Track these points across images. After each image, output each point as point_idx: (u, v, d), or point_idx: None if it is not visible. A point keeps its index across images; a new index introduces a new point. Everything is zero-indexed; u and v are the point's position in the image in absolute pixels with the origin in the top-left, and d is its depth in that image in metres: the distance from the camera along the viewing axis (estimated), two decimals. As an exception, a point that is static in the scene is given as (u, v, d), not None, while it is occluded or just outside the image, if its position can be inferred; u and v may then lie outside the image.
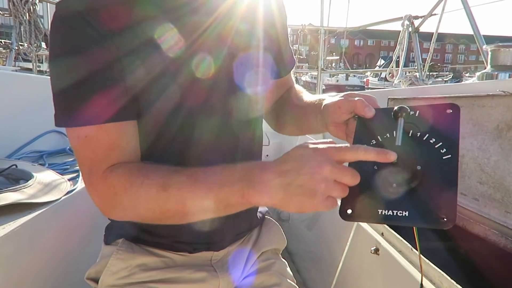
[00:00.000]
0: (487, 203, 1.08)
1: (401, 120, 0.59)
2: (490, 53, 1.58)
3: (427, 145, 0.57)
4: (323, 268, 1.57)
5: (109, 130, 0.65)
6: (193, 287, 0.81)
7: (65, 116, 0.65)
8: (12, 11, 2.98)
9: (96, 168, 0.65)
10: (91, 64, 0.63)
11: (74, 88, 0.63)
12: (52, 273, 1.13)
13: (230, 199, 0.57)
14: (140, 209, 0.64)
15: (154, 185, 0.61)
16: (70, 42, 0.63)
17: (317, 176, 0.51)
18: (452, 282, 0.79)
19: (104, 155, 0.65)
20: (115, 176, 0.64)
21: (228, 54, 0.75)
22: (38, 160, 1.62)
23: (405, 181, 0.54)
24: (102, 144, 0.65)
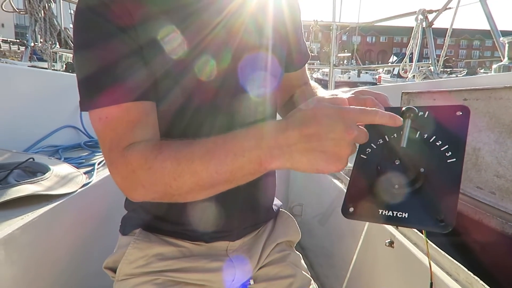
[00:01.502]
0: (504, 197, 1.06)
1: (408, 121, 0.58)
2: (507, 45, 1.55)
3: (433, 148, 0.56)
4: (336, 263, 1.57)
5: (129, 109, 0.66)
6: (209, 276, 0.82)
7: (87, 100, 0.67)
8: (27, 9, 3.03)
9: (115, 146, 0.66)
10: (113, 50, 0.65)
11: (94, 75, 0.66)
12: (69, 262, 1.15)
13: (247, 168, 0.55)
14: (157, 185, 0.63)
15: (167, 159, 0.61)
16: (88, 34, 0.66)
17: (343, 142, 0.50)
18: (469, 273, 0.78)
19: (123, 133, 0.66)
20: (132, 153, 0.64)
21: (237, 53, 0.75)
22: (54, 154, 1.65)
23: (407, 183, 0.53)
24: (121, 122, 0.66)
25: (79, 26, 0.67)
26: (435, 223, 0.49)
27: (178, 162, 0.60)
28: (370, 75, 28.86)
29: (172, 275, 0.80)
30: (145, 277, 0.80)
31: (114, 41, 0.65)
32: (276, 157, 0.53)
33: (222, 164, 0.56)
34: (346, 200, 0.57)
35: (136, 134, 0.67)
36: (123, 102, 0.66)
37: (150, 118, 0.70)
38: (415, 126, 0.59)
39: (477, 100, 1.19)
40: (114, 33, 0.65)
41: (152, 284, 0.79)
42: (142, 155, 0.63)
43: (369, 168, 0.58)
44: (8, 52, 8.02)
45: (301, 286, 0.91)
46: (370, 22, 4.94)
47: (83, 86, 0.68)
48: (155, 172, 0.62)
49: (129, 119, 0.67)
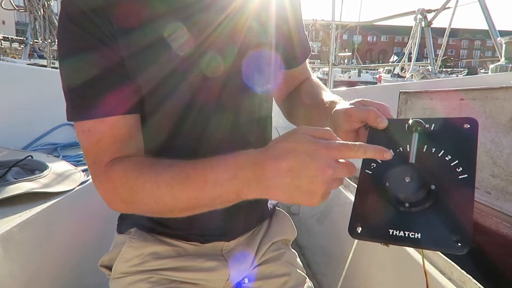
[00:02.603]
0: (500, 196, 1.07)
1: (416, 135, 0.56)
2: (504, 45, 1.55)
3: (442, 163, 0.53)
4: (332, 261, 1.57)
5: (111, 123, 0.66)
6: (203, 275, 0.82)
7: (72, 111, 0.67)
8: (27, 7, 3.04)
9: (98, 161, 0.67)
10: (94, 62, 0.65)
11: (77, 86, 0.66)
12: (67, 260, 1.16)
13: (225, 197, 0.57)
14: (138, 204, 0.65)
15: (148, 181, 0.61)
16: (74, 41, 0.65)
17: (318, 180, 0.50)
18: (462, 272, 0.79)
19: (106, 148, 0.67)
20: (114, 170, 0.65)
21: (239, 51, 0.74)
22: (52, 152, 1.66)
23: (418, 201, 0.51)
24: (104, 137, 0.67)
25: (61, 34, 0.67)
26: (451, 244, 0.46)
27: (158, 186, 0.61)
28: (370, 74, 28.81)
29: (167, 274, 0.81)
30: (140, 275, 0.80)
31: (95, 53, 0.65)
32: (253, 189, 0.53)
33: (201, 191, 0.58)
34: (352, 219, 0.54)
35: (119, 149, 0.67)
36: (106, 116, 0.66)
37: (134, 132, 0.70)
38: (422, 139, 0.57)
39: (474, 100, 1.19)
40: (95, 44, 0.64)
41: (147, 282, 0.79)
42: (123, 173, 0.64)
43: (376, 184, 0.55)
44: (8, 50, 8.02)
45: (295, 284, 0.91)
46: (369, 22, 4.93)
47: (67, 96, 0.68)
48: (136, 192, 0.63)
49: (112, 133, 0.67)
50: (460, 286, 0.79)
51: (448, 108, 1.29)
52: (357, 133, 0.68)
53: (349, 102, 0.70)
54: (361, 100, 0.68)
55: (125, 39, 0.66)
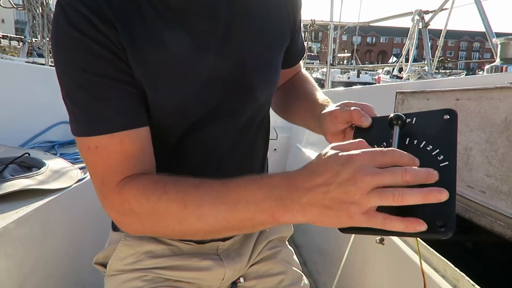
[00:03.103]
0: (494, 196, 1.07)
1: (396, 128, 0.58)
2: (500, 46, 1.56)
3: (424, 153, 0.55)
4: (328, 260, 1.58)
5: (122, 139, 0.61)
6: (199, 275, 0.82)
7: (76, 125, 0.62)
8: (25, 5, 3.04)
9: (109, 180, 0.62)
10: (99, 73, 0.60)
11: (83, 97, 0.60)
12: (63, 256, 1.16)
13: (258, 218, 0.52)
14: (158, 226, 0.60)
15: (173, 201, 0.57)
16: (77, 49, 0.59)
17: (351, 186, 0.46)
18: (455, 270, 0.80)
19: (117, 166, 0.61)
20: (129, 190, 0.60)
21: (238, 54, 0.73)
22: (50, 149, 1.66)
23: None
24: (114, 154, 0.61)
25: (62, 43, 0.60)
26: (436, 229, 0.47)
27: (184, 205, 0.56)
28: (369, 75, 28.85)
29: (162, 273, 0.81)
30: (135, 273, 0.80)
31: (101, 62, 0.60)
32: (289, 208, 0.50)
33: (233, 211, 0.54)
34: None
35: (131, 166, 0.62)
36: (115, 132, 0.60)
37: (146, 146, 0.65)
38: (404, 133, 0.58)
39: (469, 100, 1.20)
40: (103, 54, 0.59)
41: (142, 281, 0.79)
42: (143, 193, 0.59)
43: None
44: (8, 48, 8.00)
45: (291, 282, 0.90)
46: (367, 22, 4.95)
47: (71, 109, 0.62)
48: (157, 213, 0.58)
49: (123, 149, 0.61)
50: (454, 283, 0.80)
51: (443, 108, 1.30)
52: (345, 134, 0.69)
53: (335, 104, 0.71)
54: (345, 102, 0.69)
55: (133, 46, 0.62)
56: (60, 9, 0.59)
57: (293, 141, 2.56)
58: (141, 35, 0.63)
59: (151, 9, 0.64)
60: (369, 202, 0.46)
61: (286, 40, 0.85)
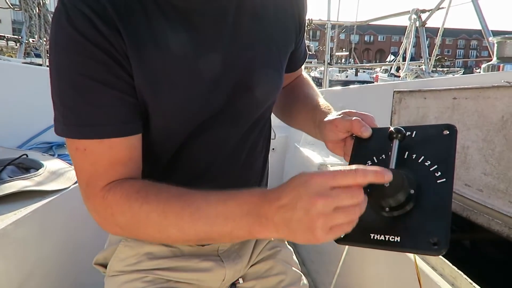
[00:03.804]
0: (491, 194, 1.08)
1: (396, 142, 0.58)
2: (496, 45, 1.57)
3: (422, 168, 0.55)
4: (327, 260, 1.58)
5: (112, 145, 0.61)
6: (199, 276, 0.82)
7: (64, 127, 0.61)
8: (22, 5, 3.03)
9: (93, 184, 0.62)
10: (98, 71, 0.59)
11: (75, 101, 0.60)
12: (62, 257, 1.16)
13: (236, 233, 0.55)
14: (138, 232, 0.62)
15: (153, 211, 0.58)
16: (74, 46, 0.58)
17: (311, 211, 0.47)
18: (453, 268, 0.80)
19: (103, 171, 0.62)
20: (113, 196, 0.60)
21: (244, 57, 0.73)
22: (47, 150, 1.66)
23: (398, 205, 0.52)
24: (102, 159, 0.61)
25: (61, 43, 0.59)
26: (429, 246, 0.48)
27: (165, 216, 0.58)
28: (367, 74, 28.88)
29: (162, 274, 0.81)
30: (135, 274, 0.80)
31: (101, 68, 0.59)
32: (264, 225, 0.52)
33: (212, 225, 0.56)
34: None
35: (118, 172, 0.62)
36: (106, 138, 0.60)
37: (135, 153, 0.65)
38: (404, 146, 0.58)
39: (466, 99, 1.20)
40: (102, 59, 0.58)
41: (142, 282, 0.79)
42: (125, 201, 0.60)
43: None
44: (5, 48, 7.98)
45: (291, 282, 0.90)
46: (364, 21, 4.96)
47: (60, 110, 0.61)
48: (138, 222, 0.60)
49: (111, 155, 0.62)
50: (451, 282, 0.80)
51: (441, 107, 1.30)
52: (345, 143, 0.69)
53: (336, 112, 0.71)
54: (346, 111, 0.69)
55: (137, 52, 0.61)
56: (63, 7, 0.58)
57: (291, 140, 2.56)
58: (145, 37, 0.62)
59: (156, 10, 0.64)
60: (331, 221, 0.48)
61: (292, 44, 0.84)
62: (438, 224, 0.49)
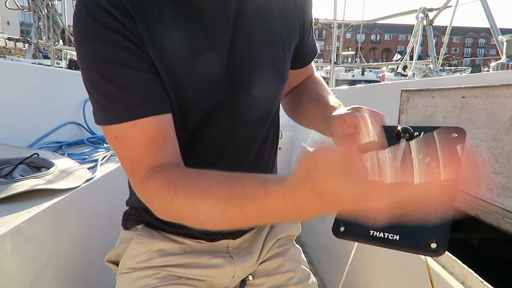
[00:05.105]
0: (501, 193, 1.07)
1: (403, 141, 0.58)
2: (506, 43, 1.56)
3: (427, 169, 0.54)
4: (334, 259, 1.58)
5: (145, 126, 0.63)
6: (209, 272, 0.83)
7: (101, 115, 0.65)
8: (31, 6, 3.06)
9: (135, 171, 0.64)
10: (119, 59, 0.62)
11: (106, 87, 0.63)
12: (73, 254, 1.18)
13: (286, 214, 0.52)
14: (176, 220, 0.62)
15: (185, 207, 0.58)
16: (98, 37, 0.62)
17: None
18: (464, 266, 0.80)
19: (141, 156, 0.64)
20: (149, 187, 0.62)
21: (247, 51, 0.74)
22: (57, 150, 1.68)
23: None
24: (139, 142, 0.64)
25: (84, 36, 0.63)
26: (427, 247, 0.48)
27: (197, 213, 0.57)
28: (374, 73, 28.72)
29: (173, 270, 0.82)
30: (147, 271, 0.81)
31: (124, 53, 0.62)
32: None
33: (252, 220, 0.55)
34: (336, 218, 0.56)
35: (155, 157, 0.64)
36: (138, 118, 0.63)
37: (169, 134, 0.67)
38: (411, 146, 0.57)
39: (475, 98, 1.20)
40: (122, 42, 0.62)
41: (154, 278, 0.80)
42: (158, 194, 0.61)
43: None
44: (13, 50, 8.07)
45: (300, 280, 0.91)
46: (370, 20, 4.93)
47: (94, 99, 0.65)
48: (172, 215, 0.62)
49: (146, 137, 0.64)
50: (462, 280, 0.80)
51: (449, 106, 1.30)
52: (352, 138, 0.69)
53: (346, 108, 0.72)
54: (356, 107, 0.69)
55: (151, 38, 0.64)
56: (82, 4, 0.62)
57: (298, 139, 2.56)
58: (157, 25, 0.65)
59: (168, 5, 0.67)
60: None
61: (295, 40, 0.85)
62: (439, 226, 0.49)
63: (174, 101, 0.69)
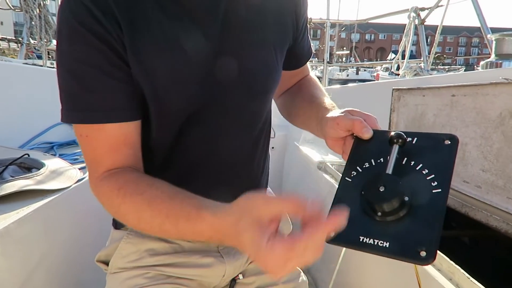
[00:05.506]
0: (490, 190, 1.08)
1: (395, 147, 0.58)
2: (495, 42, 1.57)
3: (419, 176, 0.55)
4: (326, 257, 1.58)
5: (109, 131, 0.65)
6: (200, 271, 0.83)
7: (66, 112, 0.66)
8: (23, 6, 3.05)
9: (93, 169, 0.68)
10: (96, 59, 0.63)
11: (76, 87, 0.64)
12: (64, 255, 1.17)
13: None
14: (126, 223, 0.72)
15: (129, 213, 0.63)
16: (74, 36, 0.62)
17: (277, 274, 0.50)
18: (451, 263, 0.81)
19: (102, 157, 0.67)
20: (101, 188, 0.67)
21: (241, 49, 0.74)
22: (49, 150, 1.67)
23: (390, 211, 0.52)
24: (102, 145, 0.66)
25: (64, 34, 0.63)
26: (415, 255, 0.48)
27: (138, 221, 0.63)
28: (368, 72, 28.79)
29: (163, 270, 0.82)
30: (137, 270, 0.81)
31: (97, 55, 0.63)
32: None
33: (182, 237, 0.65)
34: None
35: (114, 161, 0.67)
36: (104, 123, 0.65)
37: (132, 140, 0.69)
38: (403, 152, 0.58)
39: (465, 96, 1.21)
40: (97, 46, 0.62)
41: (144, 278, 0.80)
42: (109, 197, 0.65)
43: (353, 192, 0.57)
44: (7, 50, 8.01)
45: (290, 278, 0.92)
46: (363, 20, 4.96)
47: (63, 97, 0.66)
48: (119, 217, 0.68)
49: (109, 141, 0.66)
50: (449, 276, 0.81)
51: (440, 104, 1.31)
52: (345, 141, 0.69)
53: (340, 110, 0.71)
54: (350, 110, 0.69)
55: (128, 32, 0.64)
56: (66, 0, 0.63)
57: (291, 139, 2.57)
58: (142, 26, 0.65)
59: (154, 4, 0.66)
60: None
61: (288, 40, 0.85)
62: (429, 234, 0.49)
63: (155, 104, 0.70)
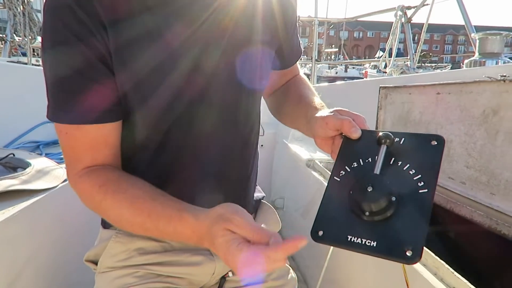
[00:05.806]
0: (474, 186, 1.10)
1: (383, 147, 0.59)
2: (478, 41, 1.60)
3: (406, 176, 0.56)
4: (315, 254, 1.60)
5: (88, 132, 0.66)
6: (189, 270, 0.83)
7: (50, 109, 0.67)
8: (5, 3, 2.98)
9: (72, 166, 0.69)
10: (77, 61, 0.63)
11: (59, 84, 0.65)
12: (52, 256, 1.16)
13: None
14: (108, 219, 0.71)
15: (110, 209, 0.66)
16: (57, 37, 0.62)
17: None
18: (436, 258, 0.82)
19: (81, 154, 0.68)
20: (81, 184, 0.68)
21: (227, 46, 0.74)
22: (35, 150, 1.65)
23: (378, 211, 0.53)
24: (80, 144, 0.68)
25: (48, 34, 0.64)
26: (402, 254, 0.49)
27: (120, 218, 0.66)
28: (357, 70, 28.95)
29: (153, 269, 0.81)
30: (126, 270, 0.81)
31: (80, 59, 0.63)
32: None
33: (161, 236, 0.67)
34: (315, 223, 0.57)
35: (93, 158, 0.69)
36: (83, 124, 0.66)
37: (111, 140, 0.70)
38: (391, 152, 0.59)
39: (449, 94, 1.23)
40: (75, 42, 0.62)
41: (133, 277, 0.80)
42: (90, 193, 0.67)
43: (341, 191, 0.58)
44: (-9, 47, 7.82)
45: (279, 275, 0.92)
46: (351, 18, 5.00)
47: (48, 93, 0.67)
48: (99, 212, 0.69)
49: (87, 141, 0.67)
50: (434, 272, 0.82)
51: (425, 102, 1.33)
52: (333, 140, 0.70)
53: (329, 110, 0.72)
54: (339, 110, 0.70)
55: (113, 32, 0.64)
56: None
57: (280, 137, 2.58)
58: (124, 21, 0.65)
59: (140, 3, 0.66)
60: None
61: (276, 40, 0.85)
62: (415, 234, 0.50)
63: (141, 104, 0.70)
